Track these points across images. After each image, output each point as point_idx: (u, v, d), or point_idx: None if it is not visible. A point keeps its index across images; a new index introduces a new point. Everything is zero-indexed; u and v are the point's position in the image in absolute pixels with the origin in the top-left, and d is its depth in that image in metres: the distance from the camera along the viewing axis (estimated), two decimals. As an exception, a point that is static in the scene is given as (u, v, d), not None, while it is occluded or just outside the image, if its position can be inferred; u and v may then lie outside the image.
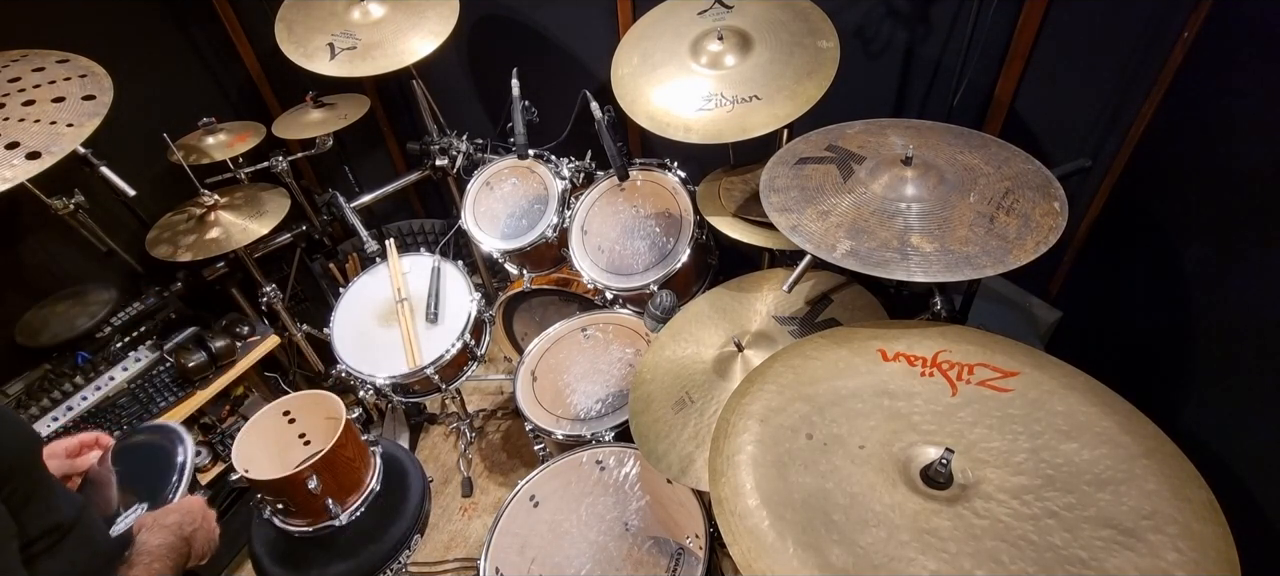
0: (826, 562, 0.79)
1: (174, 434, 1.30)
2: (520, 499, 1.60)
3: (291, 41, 1.97)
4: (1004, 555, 0.76)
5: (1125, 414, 0.90)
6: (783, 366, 1.09)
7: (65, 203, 1.77)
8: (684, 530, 1.47)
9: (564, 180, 2.06)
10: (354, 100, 2.34)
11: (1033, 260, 1.02)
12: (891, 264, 1.06)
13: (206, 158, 2.10)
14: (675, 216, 1.94)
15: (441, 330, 1.96)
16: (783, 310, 1.53)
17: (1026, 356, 1.00)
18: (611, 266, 1.96)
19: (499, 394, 2.68)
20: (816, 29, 1.61)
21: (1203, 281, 1.28)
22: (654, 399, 1.45)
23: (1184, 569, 0.72)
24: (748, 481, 0.90)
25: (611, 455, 1.65)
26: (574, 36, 2.30)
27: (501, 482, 2.36)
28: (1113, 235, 1.76)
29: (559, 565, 1.47)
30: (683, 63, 1.69)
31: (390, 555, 1.31)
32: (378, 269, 2.11)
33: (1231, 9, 1.34)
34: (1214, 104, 1.36)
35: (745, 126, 1.54)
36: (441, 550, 2.18)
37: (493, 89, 2.55)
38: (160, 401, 1.89)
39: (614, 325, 2.02)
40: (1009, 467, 0.86)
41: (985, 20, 1.64)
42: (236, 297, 2.29)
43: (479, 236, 2.09)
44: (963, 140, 1.29)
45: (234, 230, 1.99)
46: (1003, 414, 0.93)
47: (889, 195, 1.17)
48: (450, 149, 2.31)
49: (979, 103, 1.84)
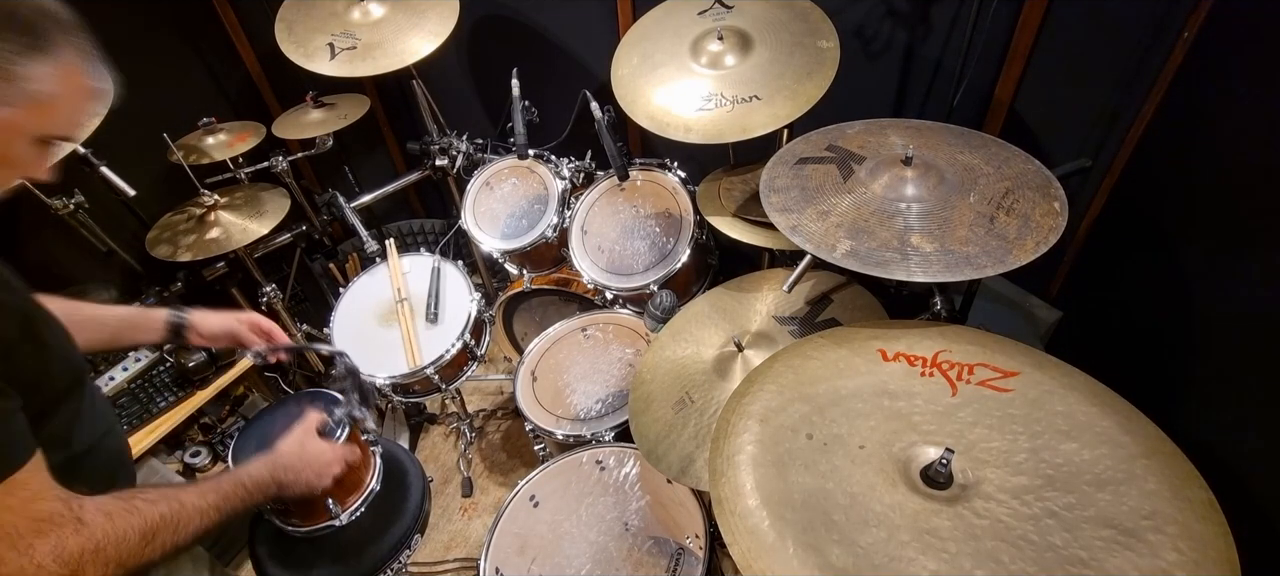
0: (826, 562, 0.79)
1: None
2: (520, 499, 1.60)
3: (291, 41, 1.97)
4: (1004, 555, 0.76)
5: (1125, 414, 0.90)
6: (783, 366, 1.09)
7: (65, 203, 1.77)
8: (684, 530, 1.47)
9: (564, 180, 2.06)
10: (354, 100, 2.34)
11: (1033, 260, 1.02)
12: (891, 264, 1.06)
13: (206, 158, 2.10)
14: (675, 216, 1.94)
15: (441, 330, 1.96)
16: (783, 310, 1.53)
17: (1026, 356, 1.00)
18: (611, 266, 1.96)
19: (499, 394, 2.68)
20: (816, 29, 1.61)
21: (1203, 281, 1.27)
22: (654, 399, 1.45)
23: (1184, 569, 0.72)
24: (748, 481, 0.90)
25: (611, 455, 1.65)
26: (574, 36, 2.30)
27: (501, 482, 2.36)
28: (1113, 235, 1.76)
29: (559, 565, 1.47)
30: (683, 63, 1.69)
31: (390, 555, 1.31)
32: (378, 269, 2.11)
33: (1231, 9, 1.34)
34: (1214, 104, 1.36)
35: (745, 126, 1.54)
36: (441, 550, 2.18)
37: (493, 89, 2.55)
38: (160, 401, 1.89)
39: (614, 325, 2.02)
40: (1009, 467, 0.86)
41: (985, 20, 1.64)
42: (236, 297, 2.29)
43: (479, 236, 2.09)
44: (963, 140, 1.29)
45: (234, 230, 1.99)
46: (1003, 414, 0.93)
47: (889, 195, 1.17)
48: (450, 149, 2.31)
49: (979, 103, 1.84)
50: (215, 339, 1.31)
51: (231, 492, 0.99)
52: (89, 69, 0.85)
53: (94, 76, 0.86)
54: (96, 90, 0.87)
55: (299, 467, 1.10)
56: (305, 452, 1.12)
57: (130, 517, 0.85)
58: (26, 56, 0.78)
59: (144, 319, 1.26)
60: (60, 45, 0.81)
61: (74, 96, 0.84)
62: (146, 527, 0.86)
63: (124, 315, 1.25)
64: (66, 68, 0.82)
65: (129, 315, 1.25)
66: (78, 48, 0.84)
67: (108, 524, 0.82)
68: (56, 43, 0.80)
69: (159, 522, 0.87)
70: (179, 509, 0.90)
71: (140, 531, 0.85)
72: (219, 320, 1.31)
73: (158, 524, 0.87)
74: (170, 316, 1.27)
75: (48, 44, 0.79)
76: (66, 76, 0.82)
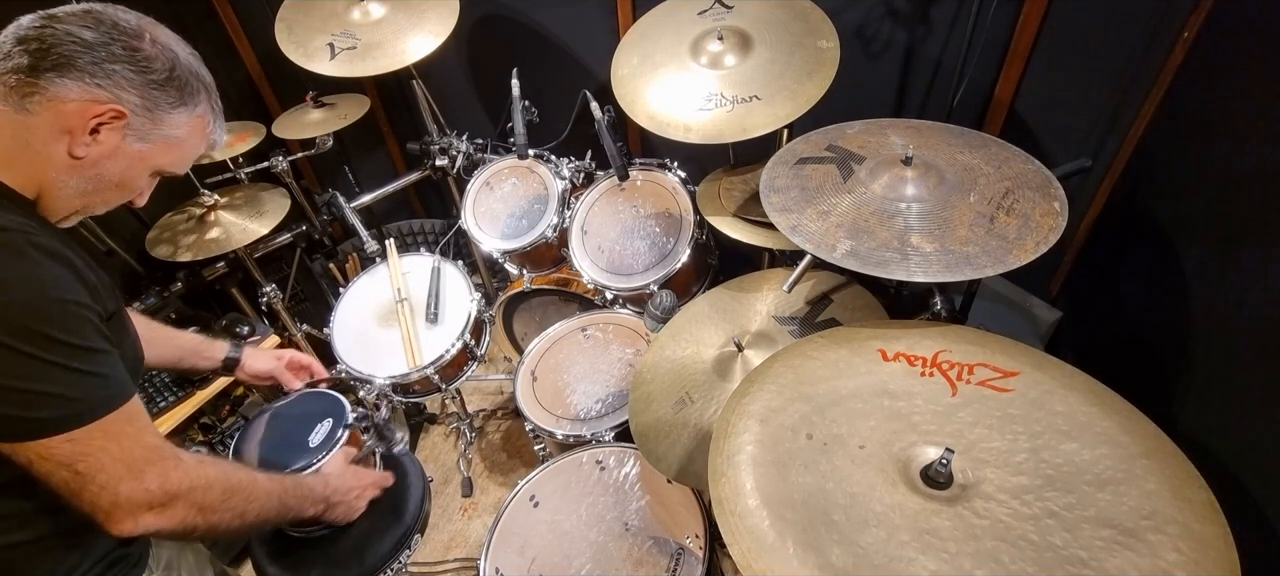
0: (826, 562, 0.79)
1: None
2: (520, 499, 1.60)
3: (291, 41, 1.97)
4: (1004, 555, 0.76)
5: (1125, 414, 0.90)
6: (783, 366, 1.09)
7: (65, 202, 1.77)
8: (684, 530, 1.47)
9: (564, 180, 2.06)
10: (354, 100, 2.34)
11: (1033, 260, 1.02)
12: (891, 264, 1.06)
13: (206, 157, 2.10)
14: (675, 216, 1.94)
15: (441, 330, 1.96)
16: (783, 310, 1.53)
17: (1026, 356, 1.00)
18: (611, 266, 1.96)
19: (499, 394, 2.68)
20: (816, 29, 1.61)
21: (1203, 281, 1.27)
22: (654, 399, 1.45)
23: (1184, 569, 0.72)
24: (748, 481, 0.90)
25: (611, 455, 1.65)
26: (574, 36, 2.30)
27: (501, 482, 2.36)
28: (1113, 235, 1.76)
29: (559, 565, 1.47)
30: (683, 63, 1.69)
31: (390, 555, 1.31)
32: (378, 269, 2.11)
33: (1231, 9, 1.34)
34: (1214, 104, 1.36)
35: (745, 126, 1.54)
36: (441, 550, 2.18)
37: (493, 89, 2.55)
38: (160, 401, 1.89)
39: (614, 325, 2.02)
40: (1009, 467, 0.86)
41: (985, 20, 1.64)
42: (236, 297, 2.29)
43: (479, 236, 2.09)
44: (963, 140, 1.29)
45: (234, 230, 1.99)
46: (1003, 414, 0.93)
47: (889, 195, 1.17)
48: (450, 149, 2.31)
49: (979, 103, 1.84)
50: (258, 378, 1.44)
51: (293, 489, 1.09)
52: (213, 123, 1.02)
53: (215, 130, 1.03)
54: (213, 137, 1.03)
55: (345, 490, 1.19)
56: (349, 479, 1.21)
57: (217, 470, 0.95)
58: (175, 108, 0.93)
59: (208, 348, 1.39)
60: (201, 102, 0.97)
61: (196, 143, 1.00)
62: (228, 485, 0.96)
63: (194, 342, 1.39)
64: (199, 120, 0.98)
65: (197, 343, 1.39)
66: (212, 106, 1.00)
67: (200, 468, 0.92)
68: (199, 99, 0.97)
69: (237, 485, 0.98)
70: (253, 482, 1.01)
71: (223, 486, 0.95)
72: (264, 362, 1.43)
73: (236, 486, 0.97)
74: (229, 351, 1.40)
75: (193, 99, 0.96)
76: (197, 127, 0.98)
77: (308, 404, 1.38)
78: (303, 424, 1.31)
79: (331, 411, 1.34)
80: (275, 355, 1.45)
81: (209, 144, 1.02)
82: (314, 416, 1.32)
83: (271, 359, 1.44)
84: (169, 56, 0.92)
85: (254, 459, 1.26)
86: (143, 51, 0.89)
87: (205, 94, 0.98)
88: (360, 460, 1.30)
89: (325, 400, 1.38)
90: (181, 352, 1.35)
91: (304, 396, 1.42)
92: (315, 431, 1.29)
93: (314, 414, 1.33)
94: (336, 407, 1.35)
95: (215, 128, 1.02)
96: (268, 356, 1.44)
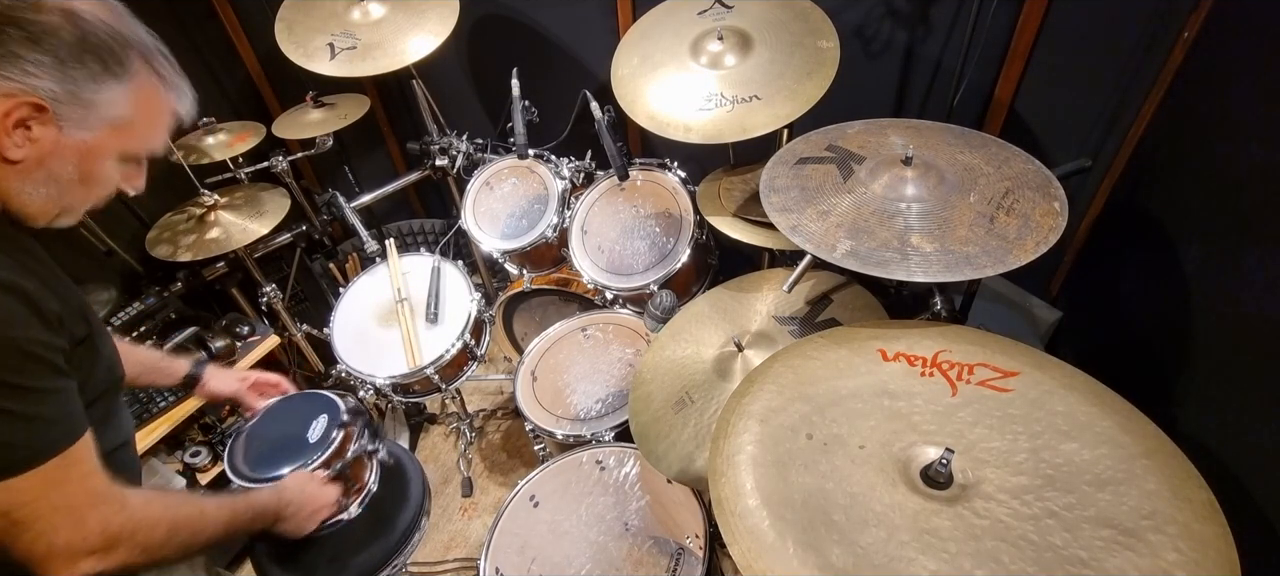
0: (826, 562, 0.79)
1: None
2: (520, 499, 1.60)
3: (291, 41, 1.97)
4: (1004, 555, 0.76)
5: (1125, 414, 0.90)
6: (783, 366, 1.09)
7: (65, 202, 1.77)
8: (684, 530, 1.47)
9: (564, 180, 2.06)
10: (354, 100, 2.34)
11: (1033, 260, 1.02)
12: (891, 264, 1.06)
13: (206, 157, 2.10)
14: (675, 216, 1.94)
15: (441, 330, 1.96)
16: (783, 310, 1.53)
17: (1026, 356, 1.00)
18: (611, 266, 1.96)
19: (499, 394, 2.68)
20: (816, 29, 1.61)
21: (1203, 281, 1.27)
22: (654, 399, 1.45)
23: (1184, 569, 0.72)
24: (748, 481, 0.90)
25: (611, 455, 1.65)
26: (574, 36, 2.30)
27: (501, 482, 2.36)
28: (1113, 235, 1.76)
29: (559, 565, 1.47)
30: (683, 63, 1.69)
31: (390, 555, 1.31)
32: (378, 269, 2.11)
33: (1231, 9, 1.34)
34: (1214, 104, 1.36)
35: (745, 126, 1.54)
36: (441, 550, 2.18)
37: (493, 89, 2.55)
38: (160, 401, 1.89)
39: (614, 325, 2.02)
40: (1009, 467, 0.86)
41: (985, 20, 1.64)
42: (236, 297, 2.29)
43: (479, 236, 2.09)
44: (963, 140, 1.29)
45: (234, 230, 1.99)
46: (1003, 414, 0.93)
47: (889, 195, 1.17)
48: (450, 149, 2.31)
49: (979, 103, 1.84)
50: (218, 399, 1.38)
51: (242, 511, 1.05)
52: (164, 86, 0.87)
53: (170, 92, 0.88)
54: (173, 105, 0.90)
55: (300, 503, 1.15)
56: (306, 492, 1.17)
57: (163, 507, 0.92)
58: (100, 82, 0.79)
59: (169, 365, 1.32)
60: (134, 66, 0.82)
61: (151, 115, 0.87)
62: (174, 521, 0.92)
63: (152, 358, 1.32)
64: (142, 89, 0.84)
65: (156, 360, 1.32)
66: (153, 66, 0.85)
67: (144, 509, 0.88)
68: (130, 64, 0.82)
69: (184, 520, 0.94)
70: (201, 515, 0.97)
71: (168, 524, 0.91)
72: (226, 384, 1.37)
73: (182, 521, 0.94)
74: (189, 370, 1.33)
75: (121, 67, 0.81)
76: (142, 97, 0.84)
77: (298, 405, 1.36)
78: (301, 422, 1.29)
79: (326, 408, 1.32)
80: (239, 377, 1.39)
81: (171, 113, 0.89)
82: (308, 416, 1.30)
83: (234, 380, 1.38)
84: (75, 21, 0.76)
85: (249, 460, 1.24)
86: (39, 23, 0.74)
87: (138, 57, 0.82)
88: (354, 459, 1.27)
89: (320, 400, 1.36)
90: (140, 369, 1.27)
91: (288, 399, 1.39)
92: (312, 427, 1.27)
93: (307, 413, 1.31)
94: (331, 405, 1.33)
95: (168, 93, 0.88)
96: (231, 377, 1.38)
